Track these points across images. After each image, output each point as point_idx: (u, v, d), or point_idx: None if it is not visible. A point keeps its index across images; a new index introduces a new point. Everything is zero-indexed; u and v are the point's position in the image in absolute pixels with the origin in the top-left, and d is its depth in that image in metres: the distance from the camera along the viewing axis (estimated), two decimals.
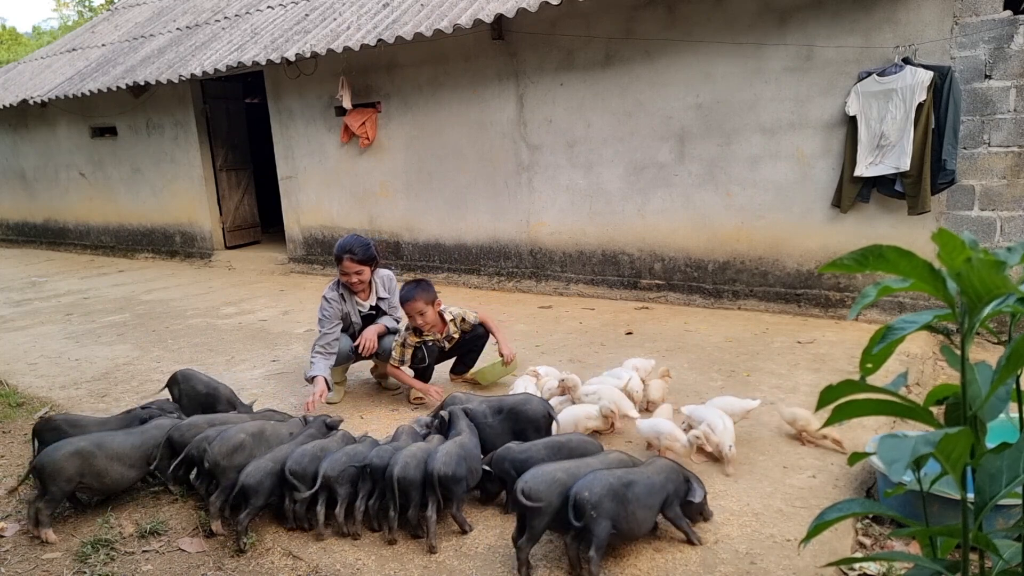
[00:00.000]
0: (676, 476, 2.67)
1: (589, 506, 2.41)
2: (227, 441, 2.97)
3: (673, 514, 2.65)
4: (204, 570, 2.72)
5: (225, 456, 2.93)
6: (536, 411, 3.24)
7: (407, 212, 8.19)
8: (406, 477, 2.74)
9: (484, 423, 3.22)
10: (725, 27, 5.82)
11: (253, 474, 2.84)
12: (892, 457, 1.15)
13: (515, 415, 3.23)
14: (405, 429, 3.25)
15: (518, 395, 3.43)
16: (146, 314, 7.22)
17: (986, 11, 4.89)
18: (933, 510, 2.54)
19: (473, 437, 3.08)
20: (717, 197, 6.14)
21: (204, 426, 3.21)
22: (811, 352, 4.88)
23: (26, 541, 2.94)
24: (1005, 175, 5.02)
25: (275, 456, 2.94)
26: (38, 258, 12.01)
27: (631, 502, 2.50)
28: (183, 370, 3.99)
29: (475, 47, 7.16)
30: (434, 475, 2.73)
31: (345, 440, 3.14)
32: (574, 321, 6.08)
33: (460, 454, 2.85)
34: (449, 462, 2.78)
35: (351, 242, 4.27)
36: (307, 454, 2.92)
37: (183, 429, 3.20)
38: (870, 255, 1.22)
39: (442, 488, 2.74)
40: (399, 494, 2.73)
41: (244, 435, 3.03)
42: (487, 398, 3.41)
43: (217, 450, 2.93)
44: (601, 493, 2.44)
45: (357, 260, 4.23)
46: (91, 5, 31.02)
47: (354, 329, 4.40)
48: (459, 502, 2.82)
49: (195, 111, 10.07)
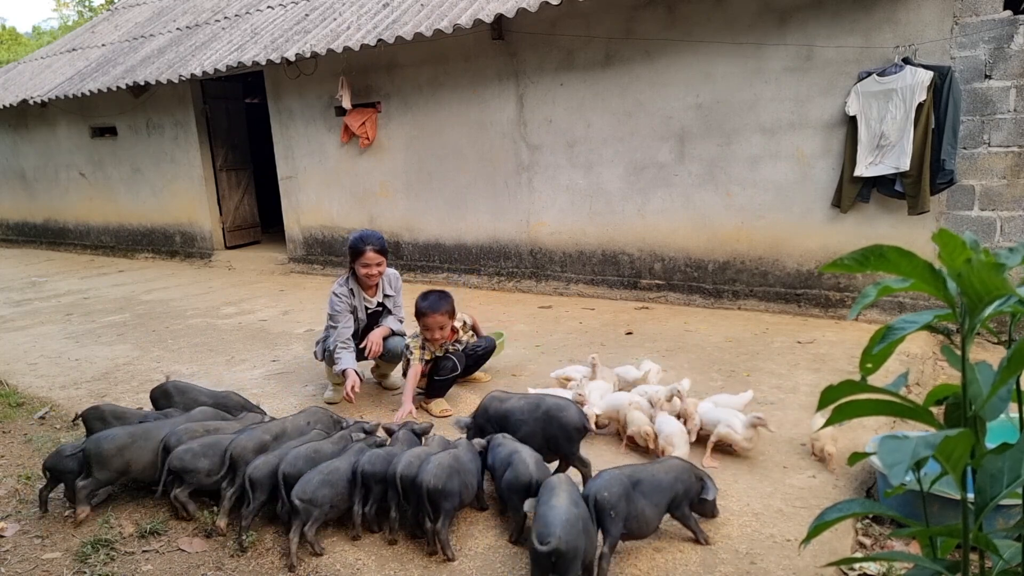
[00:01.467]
0: (686, 476, 2.67)
1: (608, 506, 2.43)
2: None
3: (682, 514, 2.66)
4: (204, 570, 2.72)
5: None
6: (571, 420, 3.01)
7: (407, 212, 8.19)
8: (407, 476, 2.72)
9: (521, 420, 3.12)
10: (725, 27, 5.82)
11: (261, 467, 2.85)
12: (892, 460, 1.15)
13: (549, 419, 3.06)
14: (401, 435, 3.15)
15: (559, 399, 3.19)
16: (146, 314, 7.22)
17: (986, 11, 4.89)
18: (933, 510, 2.54)
19: (470, 451, 2.92)
20: (717, 197, 6.14)
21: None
22: (811, 352, 4.88)
23: (26, 541, 2.94)
24: (1005, 175, 5.02)
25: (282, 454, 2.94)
26: (38, 258, 12.01)
27: (638, 500, 2.52)
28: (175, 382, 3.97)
29: (475, 47, 7.16)
30: (423, 487, 2.61)
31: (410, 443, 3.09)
32: (574, 321, 6.07)
33: (453, 467, 2.71)
34: (440, 474, 2.64)
35: (368, 235, 4.24)
36: (301, 456, 2.90)
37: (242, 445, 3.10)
38: (871, 255, 1.22)
39: (430, 502, 2.61)
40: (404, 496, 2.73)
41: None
42: (526, 395, 3.31)
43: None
44: (619, 494, 2.46)
45: (377, 251, 4.18)
46: (91, 5, 31.03)
47: (358, 326, 4.39)
48: (447, 518, 2.64)
49: (195, 111, 10.07)
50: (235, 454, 2.98)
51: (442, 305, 3.99)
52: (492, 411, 3.24)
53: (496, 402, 3.26)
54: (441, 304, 3.99)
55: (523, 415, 3.13)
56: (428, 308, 3.98)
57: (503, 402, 3.24)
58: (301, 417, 3.39)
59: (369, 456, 2.87)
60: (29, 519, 3.15)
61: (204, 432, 3.19)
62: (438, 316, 3.97)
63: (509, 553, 2.69)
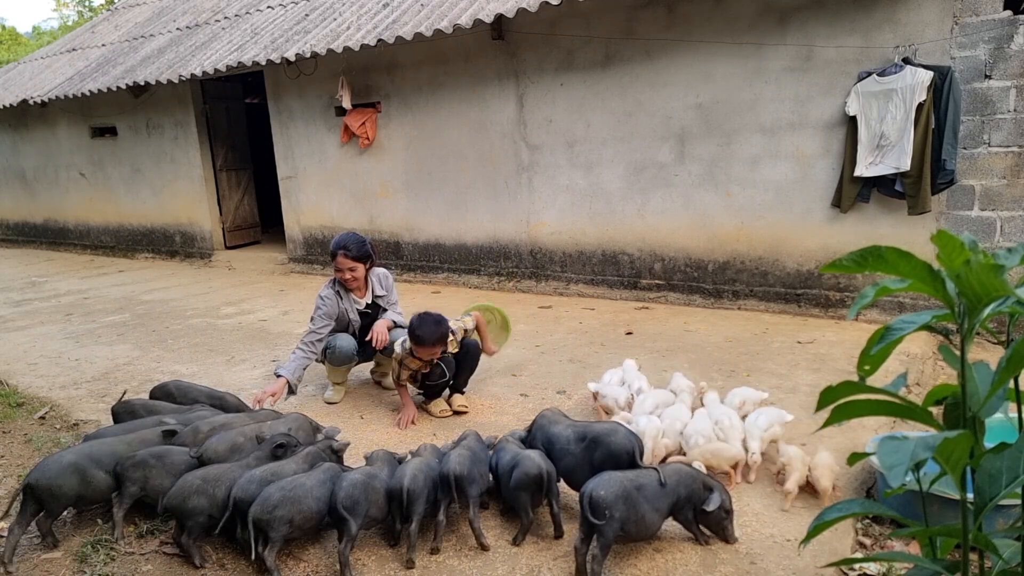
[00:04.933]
0: (691, 482, 2.63)
1: (604, 505, 2.41)
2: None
3: (684, 519, 2.64)
4: (204, 570, 2.72)
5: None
6: (620, 445, 2.81)
7: (407, 212, 8.20)
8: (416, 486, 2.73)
9: (565, 449, 2.95)
10: (725, 27, 5.82)
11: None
12: (892, 461, 1.15)
13: (597, 444, 2.86)
14: (428, 447, 3.10)
15: (606, 424, 3.03)
16: (146, 314, 7.22)
17: (986, 11, 4.89)
18: (933, 510, 2.54)
19: (479, 443, 3.06)
20: (717, 197, 6.14)
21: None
22: (811, 352, 4.88)
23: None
24: (1005, 175, 5.02)
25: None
26: (38, 258, 12.01)
27: (639, 504, 2.50)
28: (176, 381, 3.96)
29: (475, 47, 7.16)
30: (449, 475, 2.72)
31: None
32: (574, 321, 6.08)
33: (471, 457, 2.86)
34: (463, 462, 2.78)
35: (346, 239, 4.28)
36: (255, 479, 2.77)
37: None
38: (869, 256, 1.22)
39: (457, 488, 2.73)
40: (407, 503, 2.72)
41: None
42: (574, 423, 3.10)
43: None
44: (616, 494, 2.45)
45: (351, 256, 4.22)
46: (91, 5, 31.02)
47: (353, 328, 4.40)
48: (476, 506, 2.76)
49: (195, 111, 10.07)
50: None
51: (436, 337, 3.84)
52: (538, 431, 3.12)
53: (545, 422, 3.14)
54: (435, 336, 3.84)
55: (568, 443, 2.95)
56: (425, 336, 3.83)
57: (551, 424, 3.10)
58: (281, 424, 3.30)
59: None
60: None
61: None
62: (431, 349, 3.87)
63: (509, 553, 2.69)
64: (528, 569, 2.59)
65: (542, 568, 2.59)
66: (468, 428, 3.35)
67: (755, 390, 3.66)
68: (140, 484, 2.90)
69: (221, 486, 2.75)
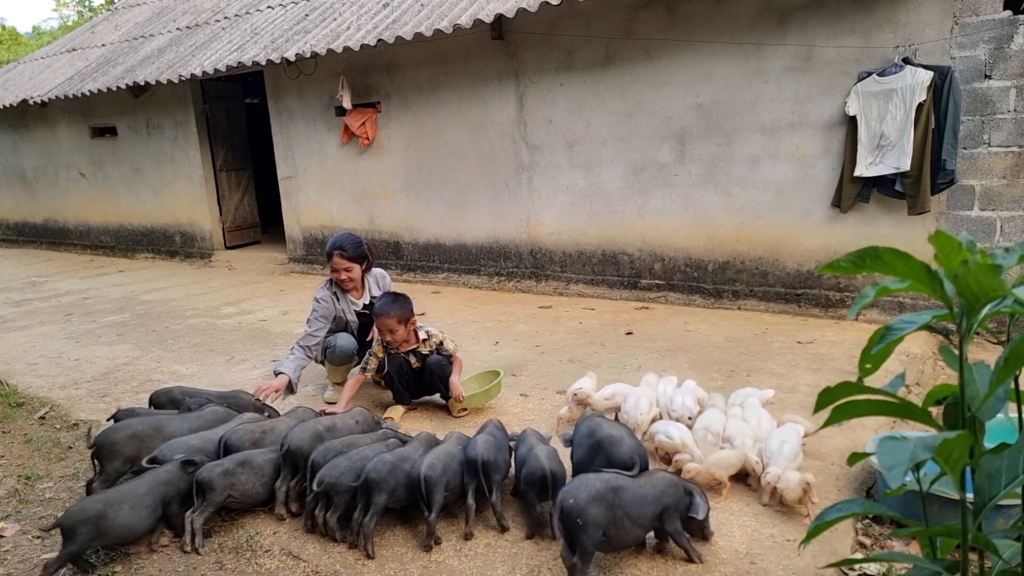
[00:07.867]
0: (674, 489, 2.56)
1: (575, 513, 2.34)
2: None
3: (672, 529, 2.54)
4: (204, 570, 2.72)
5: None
6: (622, 456, 2.75)
7: (407, 212, 8.20)
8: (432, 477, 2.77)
9: (576, 443, 2.99)
10: (725, 27, 5.82)
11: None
12: (891, 462, 1.15)
13: (600, 448, 2.83)
14: (455, 435, 3.16)
15: (614, 431, 2.92)
16: (146, 314, 7.22)
17: (986, 11, 4.89)
18: (933, 510, 2.54)
19: (502, 432, 3.14)
20: (717, 197, 6.14)
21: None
22: (811, 352, 4.88)
23: (26, 541, 2.94)
24: (1005, 175, 5.02)
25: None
26: (38, 258, 12.02)
27: (617, 509, 2.41)
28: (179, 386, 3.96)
29: (475, 47, 7.16)
30: (477, 460, 2.81)
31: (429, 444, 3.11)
32: (574, 321, 6.08)
33: (496, 444, 2.95)
34: (489, 448, 2.88)
35: (342, 239, 4.29)
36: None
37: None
38: (867, 257, 1.22)
39: (484, 473, 2.81)
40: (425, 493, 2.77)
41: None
42: (598, 421, 3.03)
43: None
44: (588, 499, 2.36)
45: (347, 257, 4.23)
46: (91, 5, 31.03)
47: (351, 329, 4.40)
48: (498, 491, 2.85)
49: (195, 111, 10.07)
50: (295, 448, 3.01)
51: (393, 308, 3.85)
52: (577, 428, 3.10)
53: (583, 420, 3.11)
54: (392, 307, 3.85)
55: (580, 439, 2.98)
56: (379, 309, 3.86)
57: (582, 421, 3.08)
58: (348, 417, 3.43)
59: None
60: (29, 519, 3.15)
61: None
62: (387, 319, 3.85)
63: (509, 553, 2.69)
64: (528, 569, 2.58)
65: (542, 568, 2.59)
66: (489, 420, 3.30)
67: (760, 390, 3.66)
68: (227, 491, 2.92)
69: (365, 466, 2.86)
